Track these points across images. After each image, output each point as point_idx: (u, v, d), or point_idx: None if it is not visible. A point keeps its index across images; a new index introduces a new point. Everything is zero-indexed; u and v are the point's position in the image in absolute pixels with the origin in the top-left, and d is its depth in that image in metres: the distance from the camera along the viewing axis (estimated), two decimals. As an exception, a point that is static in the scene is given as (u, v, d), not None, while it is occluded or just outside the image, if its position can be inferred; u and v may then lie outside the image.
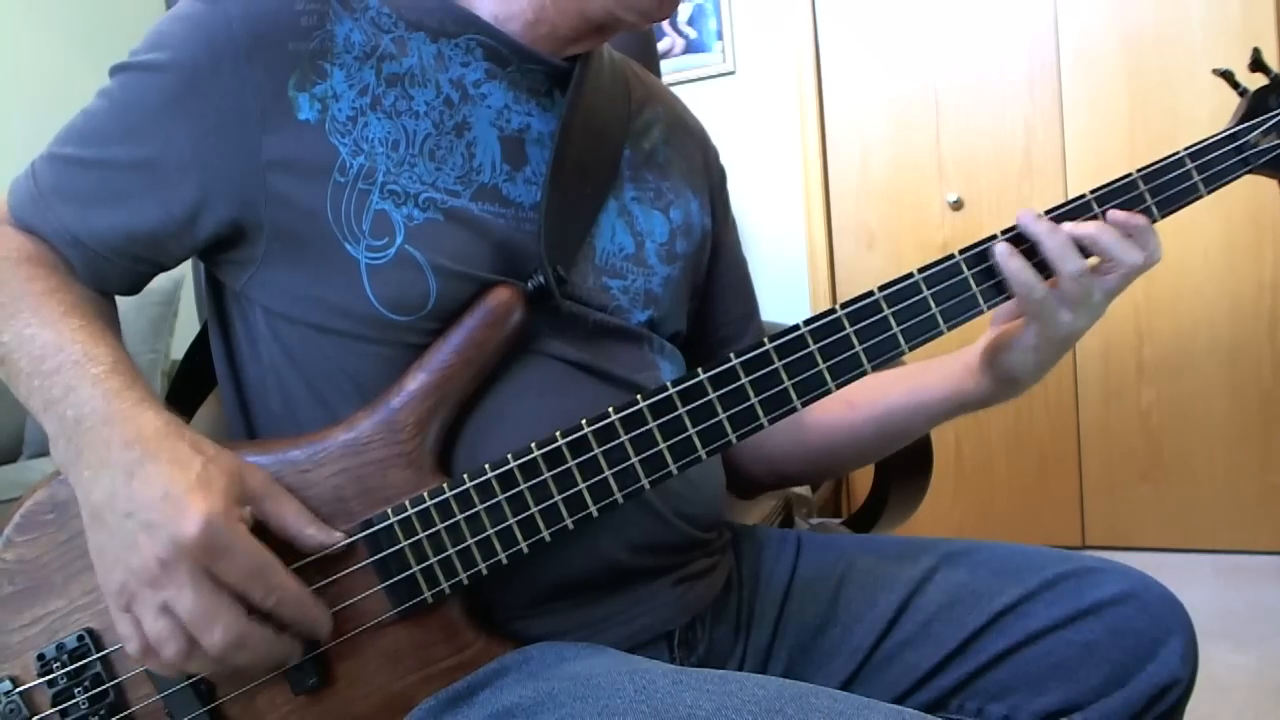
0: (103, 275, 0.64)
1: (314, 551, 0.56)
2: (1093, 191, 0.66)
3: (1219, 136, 0.68)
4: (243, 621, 0.51)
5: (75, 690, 0.57)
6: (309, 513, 0.56)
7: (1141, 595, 0.69)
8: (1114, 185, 0.66)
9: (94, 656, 0.57)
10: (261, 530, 0.54)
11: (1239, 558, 2.35)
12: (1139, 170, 0.66)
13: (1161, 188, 0.66)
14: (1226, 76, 0.71)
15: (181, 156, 0.59)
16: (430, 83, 0.63)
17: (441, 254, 0.61)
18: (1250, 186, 0.76)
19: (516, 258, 0.64)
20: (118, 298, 0.68)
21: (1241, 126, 0.68)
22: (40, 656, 0.57)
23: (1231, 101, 0.71)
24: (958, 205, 2.56)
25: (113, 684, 0.57)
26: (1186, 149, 0.67)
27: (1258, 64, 0.70)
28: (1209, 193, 0.68)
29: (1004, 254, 0.63)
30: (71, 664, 0.57)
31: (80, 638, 0.57)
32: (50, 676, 0.57)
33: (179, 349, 1.98)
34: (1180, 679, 0.67)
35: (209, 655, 0.51)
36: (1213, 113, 2.22)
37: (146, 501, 0.51)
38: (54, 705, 0.57)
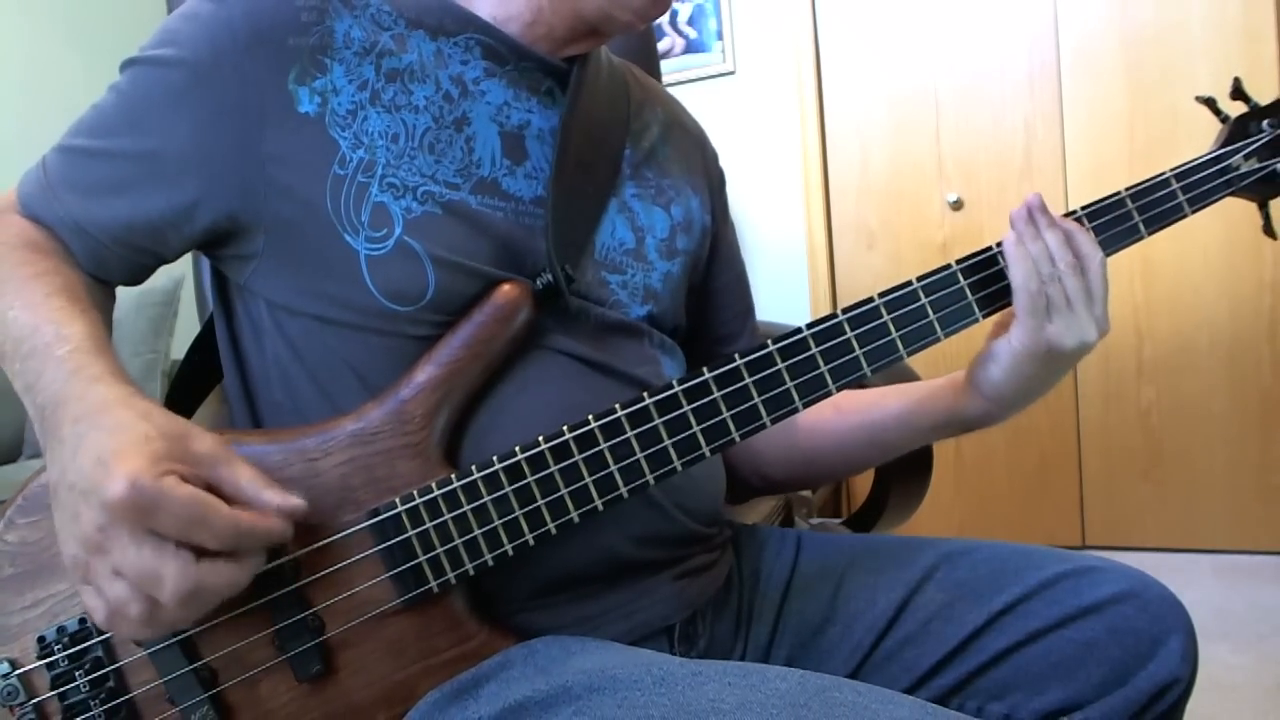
0: (104, 264, 0.65)
1: (276, 514, 0.52)
2: (1083, 208, 0.69)
3: (1203, 159, 0.72)
4: (191, 569, 0.49)
5: (75, 673, 0.56)
6: (265, 476, 0.53)
7: (1141, 594, 0.69)
8: (1103, 203, 0.70)
9: (95, 640, 0.57)
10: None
11: (1239, 558, 2.35)
12: (1127, 189, 0.70)
13: (1148, 206, 0.70)
14: (1209, 104, 0.75)
15: (183, 149, 0.60)
16: (430, 78, 0.64)
17: (440, 246, 0.61)
18: (1250, 188, 0.77)
19: (516, 251, 0.64)
20: (119, 297, 0.68)
21: (1224, 150, 0.73)
22: (40, 639, 0.57)
23: (1229, 101, 0.75)
24: (958, 205, 2.56)
25: (113, 668, 0.57)
26: (1173, 170, 0.71)
27: (1238, 93, 0.75)
28: (1194, 212, 0.72)
29: (1010, 242, 0.66)
30: (72, 647, 0.56)
31: (81, 620, 0.57)
32: (50, 659, 0.56)
33: (179, 349, 1.98)
34: (1180, 678, 0.67)
35: (168, 608, 0.49)
36: (1211, 114, 2.22)
37: (84, 470, 0.49)
38: (53, 688, 0.56)
